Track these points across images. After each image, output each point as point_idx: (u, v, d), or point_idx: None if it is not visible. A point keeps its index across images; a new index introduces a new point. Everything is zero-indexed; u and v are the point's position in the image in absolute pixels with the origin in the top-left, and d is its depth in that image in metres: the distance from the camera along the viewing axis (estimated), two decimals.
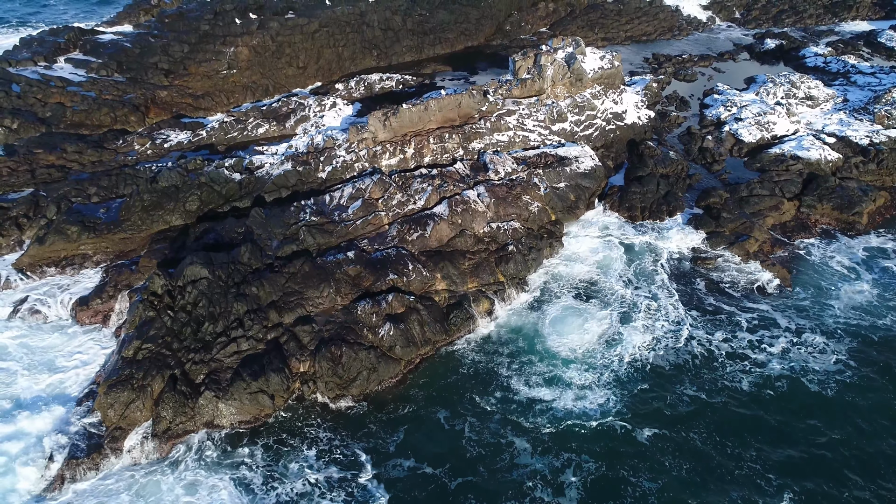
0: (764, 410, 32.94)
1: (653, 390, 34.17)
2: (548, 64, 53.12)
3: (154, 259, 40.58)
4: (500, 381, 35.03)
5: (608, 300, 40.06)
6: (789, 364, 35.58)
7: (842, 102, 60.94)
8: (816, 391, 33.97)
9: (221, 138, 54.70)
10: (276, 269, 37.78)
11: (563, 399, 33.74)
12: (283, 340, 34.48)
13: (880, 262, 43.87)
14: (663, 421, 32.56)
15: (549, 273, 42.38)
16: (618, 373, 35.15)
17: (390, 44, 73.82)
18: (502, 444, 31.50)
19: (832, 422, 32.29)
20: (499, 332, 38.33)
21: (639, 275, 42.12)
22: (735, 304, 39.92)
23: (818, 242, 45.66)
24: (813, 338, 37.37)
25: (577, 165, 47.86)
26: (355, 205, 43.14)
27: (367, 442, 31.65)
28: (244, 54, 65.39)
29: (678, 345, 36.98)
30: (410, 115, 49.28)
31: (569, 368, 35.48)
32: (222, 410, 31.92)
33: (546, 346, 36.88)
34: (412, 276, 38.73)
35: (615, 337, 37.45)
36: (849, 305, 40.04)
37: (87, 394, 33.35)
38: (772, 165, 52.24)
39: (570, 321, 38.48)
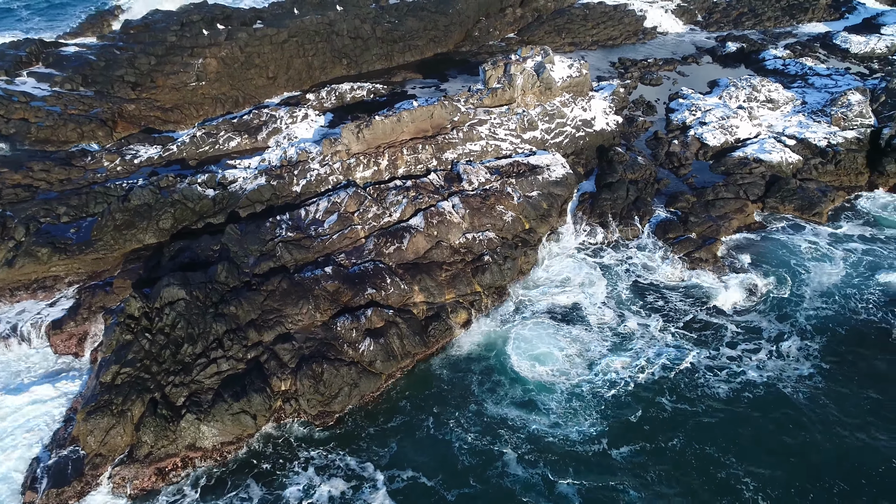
0: (742, 418, 33.83)
1: (630, 403, 34.89)
2: (517, 73, 53.93)
3: (128, 279, 40.25)
4: (475, 395, 35.56)
5: (584, 319, 40.60)
6: (765, 371, 36.60)
7: (800, 105, 63.00)
8: (791, 395, 35.08)
9: (193, 152, 54.30)
10: (253, 287, 37.83)
11: (543, 414, 34.35)
12: (264, 359, 34.59)
13: (842, 246, 46.13)
14: (644, 432, 33.28)
15: (525, 290, 43.06)
16: (595, 388, 35.84)
17: (360, 52, 73.92)
18: (491, 456, 32.05)
19: (807, 425, 33.42)
20: (475, 346, 38.86)
21: (611, 293, 42.60)
22: (708, 314, 41.04)
23: (782, 233, 47.32)
24: (786, 341, 38.55)
25: (548, 174, 48.75)
26: (331, 219, 43.34)
27: (358, 458, 31.95)
28: (213, 66, 64.90)
29: (652, 356, 37.83)
30: (383, 127, 49.62)
31: (546, 384, 36.03)
32: (204, 433, 31.92)
33: (521, 362, 37.41)
34: (390, 290, 39.13)
35: (589, 352, 38.08)
36: (817, 293, 41.99)
37: (65, 421, 33.02)
38: (736, 168, 53.86)
39: (545, 338, 38.97)
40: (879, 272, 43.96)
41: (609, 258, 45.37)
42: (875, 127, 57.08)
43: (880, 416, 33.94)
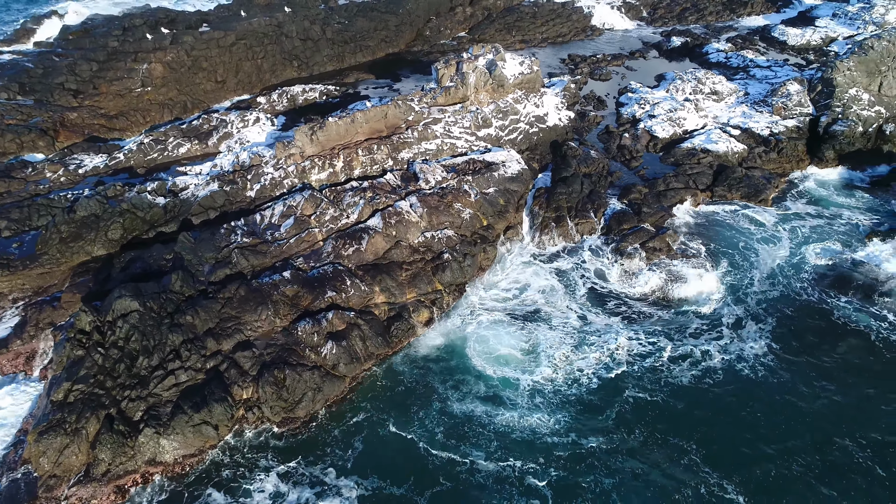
0: (704, 403, 34.81)
1: (595, 396, 35.38)
2: (470, 71, 54.21)
3: (77, 293, 38.89)
4: (439, 394, 35.60)
5: (545, 318, 40.88)
6: (726, 355, 37.72)
7: (743, 96, 65.14)
8: (749, 376, 36.31)
9: (140, 160, 52.78)
10: (210, 296, 37.04)
11: (509, 409, 34.63)
12: (224, 368, 33.91)
13: (787, 225, 48.24)
14: (610, 423, 33.84)
15: (485, 291, 43.29)
16: (558, 384, 36.23)
17: (311, 54, 73.09)
18: (459, 453, 32.16)
19: (764, 405, 34.62)
20: (437, 346, 38.88)
21: (571, 294, 43.00)
22: (667, 307, 41.96)
23: (731, 217, 48.91)
24: (741, 327, 39.74)
25: (504, 170, 49.17)
26: (287, 223, 42.77)
27: (323, 464, 31.61)
28: (158, 70, 63.21)
29: (615, 351, 38.37)
30: (337, 129, 49.22)
31: (510, 380, 36.31)
32: (164, 446, 31.12)
33: (484, 361, 37.61)
34: (351, 292, 38.86)
35: (551, 349, 38.41)
36: (766, 276, 43.65)
37: (14, 443, 31.71)
38: (685, 159, 55.36)
39: (505, 337, 39.27)
40: (817, 252, 45.98)
41: (566, 263, 45.66)
42: (813, 115, 59.46)
43: (825, 388, 35.53)
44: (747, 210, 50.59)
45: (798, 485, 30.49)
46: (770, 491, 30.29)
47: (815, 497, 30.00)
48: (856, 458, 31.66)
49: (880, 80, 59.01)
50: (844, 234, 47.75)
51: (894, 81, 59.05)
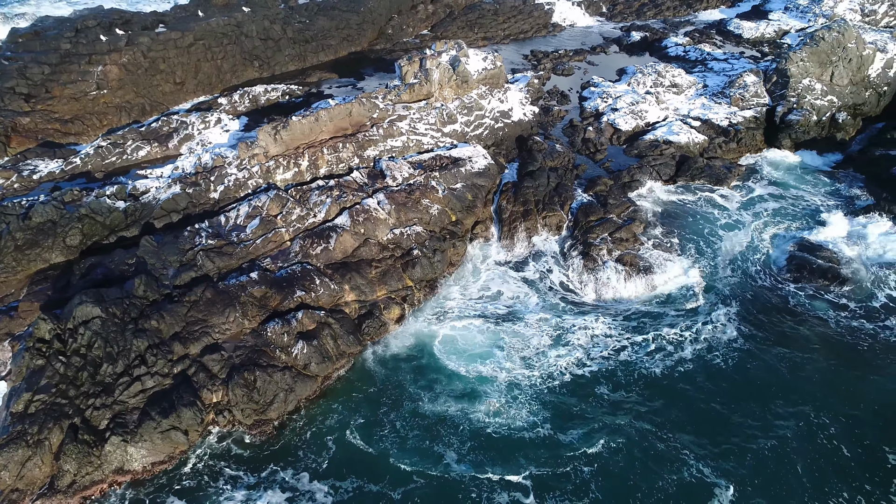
0: (677, 392, 35.35)
1: (570, 392, 35.57)
2: (433, 68, 54.15)
3: (36, 302, 37.64)
4: (412, 393, 35.41)
5: (518, 318, 40.80)
6: (697, 344, 38.34)
7: (702, 88, 66.51)
8: (719, 364, 37.07)
9: (98, 164, 51.35)
10: (175, 299, 36.22)
11: (483, 404, 34.56)
12: (192, 372, 33.19)
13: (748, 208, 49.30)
14: (586, 417, 34.03)
15: (454, 288, 43.28)
16: (534, 380, 36.29)
17: (272, 53, 72.09)
18: (435, 452, 31.98)
19: (735, 389, 35.40)
20: (408, 345, 38.69)
21: (543, 295, 43.15)
22: (640, 302, 42.49)
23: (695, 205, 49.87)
24: (708, 314, 40.53)
25: (471, 165, 49.25)
26: (253, 223, 42.11)
27: (295, 469, 31.10)
28: (114, 73, 61.54)
29: (589, 348, 38.62)
30: (301, 127, 48.65)
31: (485, 377, 36.27)
32: (132, 454, 30.32)
33: (455, 360, 37.53)
34: (320, 291, 38.44)
35: (527, 348, 38.39)
36: (728, 262, 44.69)
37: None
38: (648, 151, 56.25)
39: (475, 336, 39.14)
40: (778, 237, 47.28)
41: (535, 266, 45.49)
42: (769, 105, 61.02)
43: (792, 371, 36.56)
44: (712, 194, 51.64)
45: (778, 466, 31.17)
46: (748, 469, 30.92)
47: (800, 478, 30.59)
48: (831, 438, 32.64)
49: (831, 70, 60.87)
50: (803, 219, 49.13)
51: (844, 71, 60.98)
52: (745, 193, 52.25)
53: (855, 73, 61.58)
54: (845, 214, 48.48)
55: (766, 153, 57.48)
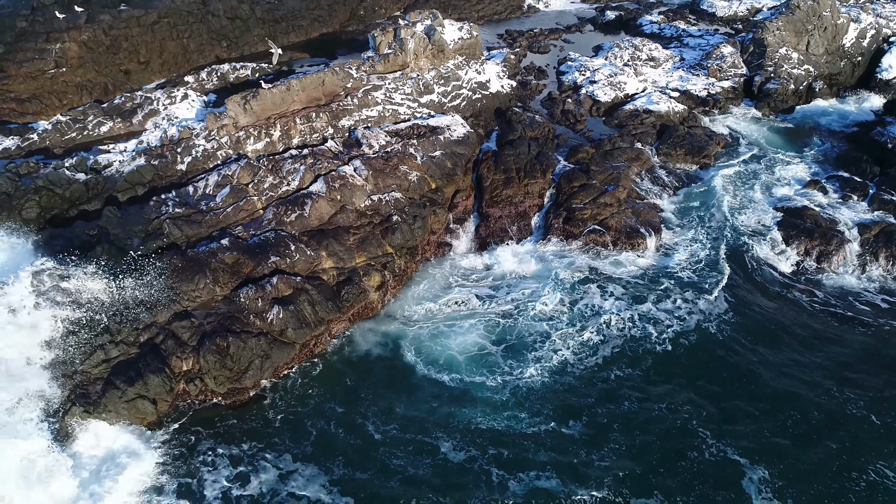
0: (681, 368, 33.76)
1: (571, 376, 33.45)
2: (408, 37, 52.63)
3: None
4: (402, 370, 33.74)
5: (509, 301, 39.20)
6: (693, 317, 36.89)
7: (679, 61, 66.09)
8: (717, 337, 35.56)
9: (57, 140, 48.73)
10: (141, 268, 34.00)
11: (471, 392, 32.64)
12: (160, 340, 31.09)
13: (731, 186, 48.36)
14: (589, 402, 31.94)
15: (438, 267, 41.83)
16: (523, 365, 34.42)
17: (240, 34, 69.81)
18: (425, 442, 30.00)
19: (737, 362, 33.85)
20: (392, 319, 37.07)
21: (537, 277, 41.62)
22: (630, 276, 41.03)
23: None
24: (697, 287, 39.08)
25: (449, 133, 47.79)
26: (223, 192, 40.08)
27: (276, 452, 29.06)
28: (73, 51, 58.77)
29: (588, 327, 36.55)
30: (272, 97, 46.70)
31: (471, 361, 34.53)
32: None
33: (442, 337, 35.99)
34: (296, 257, 36.56)
35: (516, 329, 36.68)
36: (716, 226, 43.74)
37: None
38: (628, 120, 55.43)
39: (464, 319, 37.59)
40: (763, 202, 46.73)
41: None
42: (747, 75, 60.77)
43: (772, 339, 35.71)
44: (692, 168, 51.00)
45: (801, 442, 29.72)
46: (766, 442, 29.53)
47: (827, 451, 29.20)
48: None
49: (807, 38, 60.85)
50: (784, 185, 48.67)
51: (820, 40, 61.00)
52: (729, 157, 51.64)
53: (830, 42, 61.65)
54: (827, 178, 48.18)
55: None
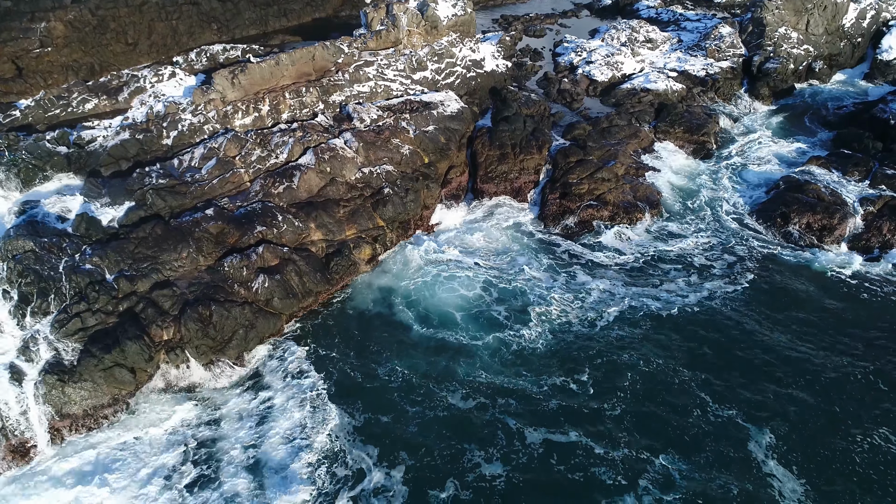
0: (687, 335, 32.65)
1: (575, 347, 32.10)
2: (401, 13, 51.48)
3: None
4: (400, 329, 32.77)
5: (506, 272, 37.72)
6: (685, 292, 35.65)
7: (677, 43, 65.06)
8: (717, 306, 34.46)
9: (41, 117, 47.42)
10: (121, 237, 32.75)
11: (479, 347, 31.78)
12: (139, 309, 29.80)
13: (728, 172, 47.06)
14: (592, 358, 31.09)
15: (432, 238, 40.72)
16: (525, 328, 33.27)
17: (231, 16, 68.54)
18: (434, 395, 29.04)
19: (739, 335, 32.66)
20: (389, 287, 35.93)
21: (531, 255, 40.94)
22: (617, 241, 40.30)
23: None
24: (699, 263, 37.92)
25: (443, 109, 46.63)
26: (209, 164, 38.83)
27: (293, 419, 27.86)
28: (59, 30, 57.41)
29: (592, 301, 35.12)
30: (261, 71, 45.51)
31: (470, 320, 33.59)
32: (71, 396, 26.82)
33: (438, 299, 34.91)
34: (283, 228, 35.32)
35: (519, 302, 35.13)
36: (711, 209, 42.55)
37: None
38: (626, 99, 54.36)
39: (462, 280, 36.43)
40: (761, 178, 45.66)
41: None
42: (746, 56, 59.75)
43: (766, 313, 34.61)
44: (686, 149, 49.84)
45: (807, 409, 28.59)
46: (765, 403, 28.57)
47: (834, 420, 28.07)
48: None
49: (807, 17, 59.88)
50: (786, 162, 47.63)
51: (820, 19, 60.05)
52: (727, 139, 50.64)
53: (830, 21, 60.69)
54: (828, 156, 47.18)
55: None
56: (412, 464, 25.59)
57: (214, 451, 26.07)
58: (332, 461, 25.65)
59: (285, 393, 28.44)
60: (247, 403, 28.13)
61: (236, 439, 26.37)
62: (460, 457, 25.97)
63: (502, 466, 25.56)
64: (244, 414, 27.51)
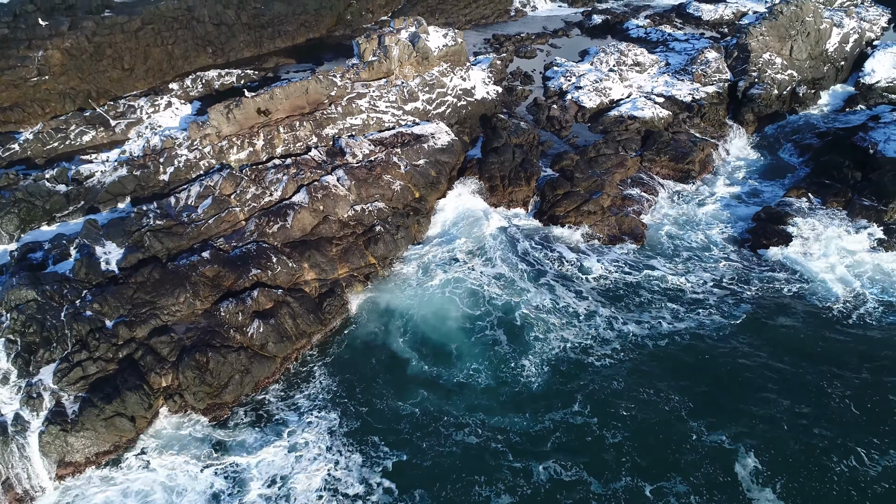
0: (671, 363, 34.23)
1: (565, 372, 33.80)
2: (392, 44, 52.54)
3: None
4: (389, 359, 34.11)
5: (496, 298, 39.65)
6: (670, 320, 37.12)
7: (665, 66, 66.22)
8: (703, 333, 36.16)
9: (39, 150, 48.41)
10: (120, 282, 33.84)
11: (479, 374, 33.32)
12: (139, 356, 30.91)
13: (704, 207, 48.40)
14: (584, 384, 32.71)
15: (422, 254, 41.82)
16: (521, 348, 35.03)
17: (226, 39, 69.56)
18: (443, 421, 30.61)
19: (723, 359, 34.40)
20: (376, 310, 37.13)
21: (504, 249, 42.34)
22: (604, 266, 41.70)
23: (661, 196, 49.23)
24: (685, 290, 39.53)
25: (434, 142, 47.76)
26: (205, 203, 39.87)
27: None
28: (56, 58, 58.38)
29: (582, 329, 37.23)
30: (255, 106, 46.54)
31: (467, 343, 34.99)
32: (73, 445, 27.94)
33: (431, 325, 36.19)
34: (277, 269, 36.44)
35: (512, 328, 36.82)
36: (699, 238, 43.85)
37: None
38: (613, 126, 55.52)
39: (454, 300, 37.91)
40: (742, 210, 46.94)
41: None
42: (731, 80, 60.95)
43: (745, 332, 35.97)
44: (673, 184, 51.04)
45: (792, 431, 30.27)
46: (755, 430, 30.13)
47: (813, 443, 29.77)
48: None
49: (790, 44, 61.09)
50: (767, 193, 48.98)
51: (804, 45, 61.27)
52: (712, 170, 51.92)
53: (813, 46, 61.94)
54: (806, 184, 48.46)
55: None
56: (429, 501, 27.24)
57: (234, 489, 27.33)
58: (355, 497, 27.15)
59: (298, 433, 29.76)
60: (257, 445, 29.32)
61: (254, 487, 27.61)
62: (470, 489, 27.65)
63: (510, 499, 27.23)
64: (260, 463, 28.61)
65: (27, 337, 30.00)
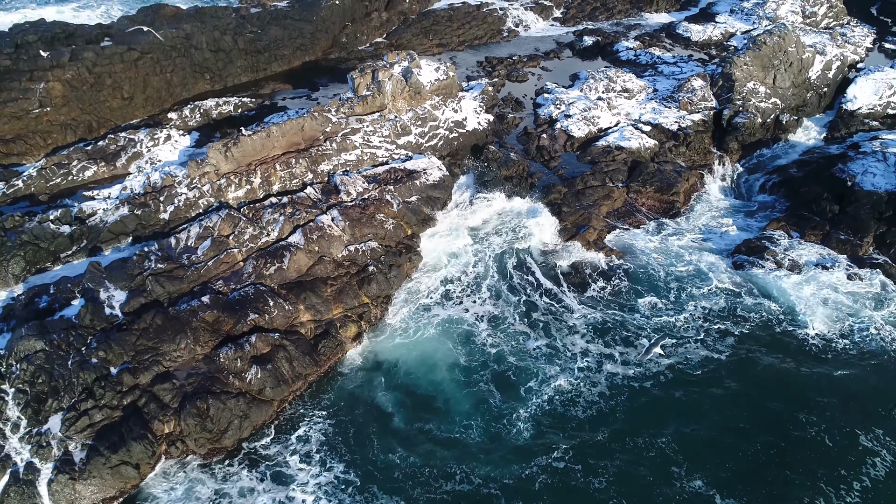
0: (657, 401, 36.24)
1: (560, 412, 35.69)
2: (386, 79, 54.03)
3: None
4: (382, 407, 35.61)
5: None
6: (657, 360, 38.88)
7: (652, 92, 67.80)
8: (692, 374, 37.98)
9: (42, 186, 49.83)
10: (124, 328, 35.42)
11: (465, 419, 34.98)
12: (142, 403, 32.52)
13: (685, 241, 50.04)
14: (583, 431, 34.47)
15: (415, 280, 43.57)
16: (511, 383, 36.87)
17: (223, 65, 70.90)
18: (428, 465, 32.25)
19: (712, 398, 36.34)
20: (370, 357, 38.76)
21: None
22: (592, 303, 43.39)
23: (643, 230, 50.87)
24: (664, 328, 41.25)
25: (426, 178, 49.32)
26: (204, 245, 41.41)
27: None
28: (57, 89, 59.75)
29: (571, 368, 38.81)
30: (252, 144, 48.04)
31: (461, 384, 36.66)
32: (81, 492, 29.56)
33: (420, 364, 37.80)
34: (274, 313, 38.04)
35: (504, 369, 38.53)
36: (685, 278, 45.51)
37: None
38: (600, 157, 57.11)
39: (444, 337, 39.54)
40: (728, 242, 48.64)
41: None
42: (716, 109, 62.56)
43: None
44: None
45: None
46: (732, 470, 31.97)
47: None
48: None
49: (773, 73, 62.70)
50: (748, 224, 50.69)
51: (787, 74, 62.88)
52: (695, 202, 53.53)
53: (796, 75, 63.56)
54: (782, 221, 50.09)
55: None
56: None
57: None
58: None
59: (294, 478, 31.44)
60: (256, 490, 30.97)
61: None
62: None
63: None
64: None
65: (36, 387, 31.56)
